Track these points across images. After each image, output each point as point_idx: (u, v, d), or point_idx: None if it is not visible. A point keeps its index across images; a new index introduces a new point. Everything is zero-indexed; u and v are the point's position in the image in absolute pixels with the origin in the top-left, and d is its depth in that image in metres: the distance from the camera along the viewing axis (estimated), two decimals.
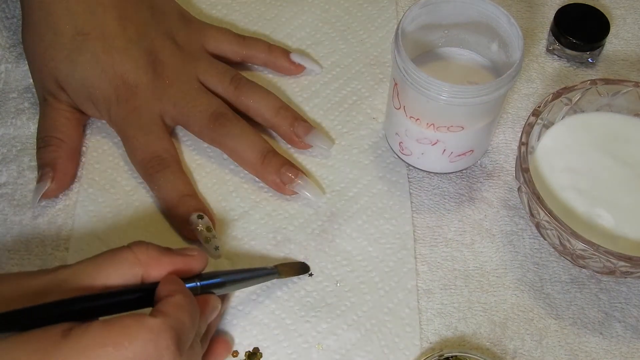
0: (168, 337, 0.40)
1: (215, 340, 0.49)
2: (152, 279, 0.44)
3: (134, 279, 0.44)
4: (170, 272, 0.45)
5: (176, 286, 0.43)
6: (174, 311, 0.41)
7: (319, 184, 0.58)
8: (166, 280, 0.44)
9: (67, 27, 0.56)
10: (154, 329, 0.39)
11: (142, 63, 0.57)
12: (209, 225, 0.54)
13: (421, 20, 0.55)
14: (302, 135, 0.58)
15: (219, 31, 0.62)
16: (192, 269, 0.46)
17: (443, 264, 0.55)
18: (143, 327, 0.39)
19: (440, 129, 0.53)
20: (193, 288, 0.46)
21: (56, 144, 0.56)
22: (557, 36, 0.64)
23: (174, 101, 0.57)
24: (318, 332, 0.51)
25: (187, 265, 0.45)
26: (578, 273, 0.55)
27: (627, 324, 0.53)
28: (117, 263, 0.43)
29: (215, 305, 0.46)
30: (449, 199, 0.58)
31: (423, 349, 0.51)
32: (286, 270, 0.52)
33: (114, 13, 0.57)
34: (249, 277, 0.50)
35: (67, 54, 0.56)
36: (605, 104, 0.57)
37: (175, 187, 0.55)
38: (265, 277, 0.51)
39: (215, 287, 0.47)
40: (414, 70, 0.51)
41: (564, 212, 0.53)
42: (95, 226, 0.55)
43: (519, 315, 0.53)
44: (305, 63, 0.63)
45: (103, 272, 0.43)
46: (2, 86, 0.62)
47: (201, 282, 0.46)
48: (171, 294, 0.42)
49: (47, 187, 0.55)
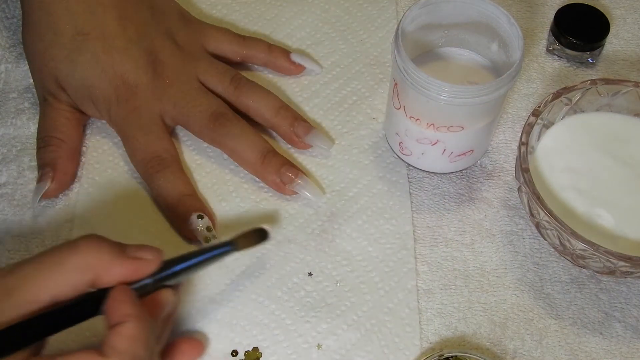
0: None
1: (183, 340, 0.48)
2: (103, 283, 0.42)
3: (83, 286, 0.42)
4: (121, 280, 0.43)
5: (127, 308, 0.41)
6: (126, 346, 0.40)
7: (319, 184, 0.58)
8: (116, 298, 0.42)
9: (67, 27, 0.56)
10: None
11: (142, 63, 0.57)
12: (209, 225, 0.54)
13: (421, 20, 0.55)
14: (302, 135, 0.58)
15: (219, 31, 0.62)
16: (144, 273, 0.44)
17: (443, 264, 0.55)
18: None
19: (440, 129, 0.53)
20: (144, 286, 0.44)
21: (56, 144, 0.56)
22: (557, 36, 0.64)
23: (174, 101, 0.57)
24: (318, 332, 0.51)
25: (140, 271, 0.44)
26: (578, 273, 0.55)
27: (627, 324, 0.53)
28: (65, 272, 0.41)
29: (168, 300, 0.45)
30: (449, 199, 0.58)
31: (423, 349, 0.51)
32: (243, 242, 0.49)
33: (114, 13, 0.57)
34: (204, 259, 0.47)
35: (67, 53, 0.56)
36: (605, 104, 0.57)
37: (175, 187, 0.55)
38: (221, 255, 0.48)
39: (169, 279, 0.45)
40: (414, 70, 0.51)
41: (564, 212, 0.53)
42: (95, 226, 0.55)
43: (519, 315, 0.53)
44: (306, 63, 0.63)
45: (51, 283, 0.41)
46: (2, 86, 0.62)
47: (153, 278, 0.44)
48: (122, 320, 0.41)
49: (47, 187, 0.55)
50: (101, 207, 0.56)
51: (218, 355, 0.50)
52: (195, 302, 0.52)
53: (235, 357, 0.50)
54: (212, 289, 0.53)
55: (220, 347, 0.51)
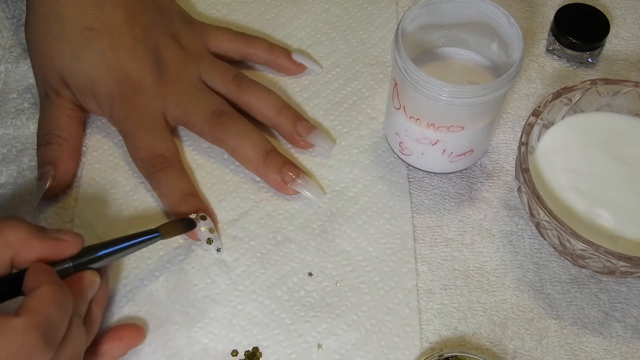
0: (34, 336, 0.39)
1: (123, 327, 0.49)
2: (23, 261, 0.44)
3: (3, 264, 0.43)
4: (40, 257, 0.44)
5: (42, 276, 0.42)
6: (39, 306, 0.40)
7: (320, 184, 0.58)
8: (33, 270, 0.43)
9: (75, 21, 0.56)
10: (18, 330, 0.39)
11: (147, 62, 0.57)
12: (211, 227, 0.54)
13: (421, 20, 0.55)
14: (304, 134, 0.58)
15: (220, 30, 0.62)
16: (63, 253, 0.45)
17: (443, 264, 0.55)
18: (7, 329, 0.39)
19: (440, 129, 0.53)
20: (65, 269, 0.45)
21: (57, 142, 0.56)
22: (557, 36, 0.64)
23: (176, 100, 0.57)
24: (318, 332, 0.51)
25: (59, 251, 0.45)
26: (578, 273, 0.55)
27: (627, 324, 0.53)
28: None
29: (91, 280, 0.46)
30: (449, 199, 0.58)
31: (423, 349, 0.51)
32: (169, 229, 0.51)
33: (122, 11, 0.57)
34: (128, 245, 0.48)
35: (73, 48, 0.56)
36: (605, 104, 0.57)
37: (177, 186, 0.55)
38: (146, 241, 0.49)
39: (91, 263, 0.46)
40: (414, 70, 0.51)
41: (564, 212, 0.53)
42: (95, 226, 0.55)
43: (519, 315, 0.53)
44: (306, 63, 0.63)
45: None
46: (2, 86, 0.62)
47: (73, 262, 0.46)
48: (37, 285, 0.41)
49: (49, 185, 0.55)
50: (101, 207, 0.56)
51: (218, 355, 0.50)
52: (196, 302, 0.52)
53: (235, 357, 0.50)
54: (212, 289, 0.53)
55: (220, 347, 0.51)
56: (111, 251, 0.48)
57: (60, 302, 0.42)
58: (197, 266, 0.54)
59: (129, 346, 0.50)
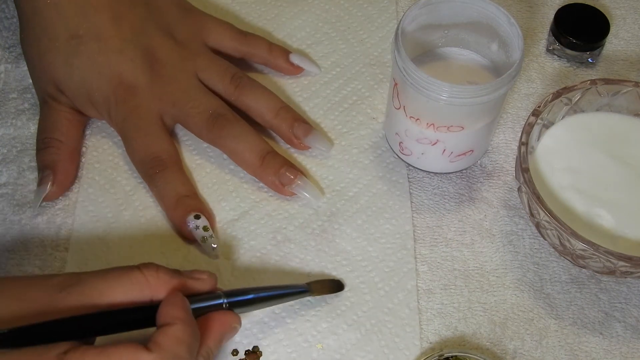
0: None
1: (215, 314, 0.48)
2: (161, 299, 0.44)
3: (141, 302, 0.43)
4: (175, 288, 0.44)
5: (178, 312, 0.42)
6: (170, 345, 0.41)
7: (319, 185, 0.58)
8: (169, 302, 0.43)
9: (60, 30, 0.56)
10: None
11: (139, 62, 0.57)
12: (205, 225, 0.54)
13: (421, 20, 0.55)
14: (302, 136, 0.58)
15: (220, 26, 0.61)
16: (199, 290, 0.45)
17: (443, 264, 0.55)
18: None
19: (440, 129, 0.53)
20: (219, 305, 0.45)
21: (56, 146, 0.56)
22: (557, 36, 0.64)
23: (173, 100, 0.57)
24: (318, 331, 0.51)
25: (194, 287, 0.45)
26: (578, 273, 0.55)
27: (627, 324, 0.53)
28: (126, 284, 0.43)
29: (234, 325, 0.46)
30: (449, 199, 0.58)
31: (423, 349, 0.51)
32: (319, 287, 0.51)
33: (107, 13, 0.56)
34: (280, 295, 0.49)
35: (63, 57, 0.56)
36: (605, 104, 0.57)
37: (174, 188, 0.55)
38: (297, 295, 0.50)
39: (243, 306, 0.46)
40: (414, 70, 0.51)
41: (564, 212, 0.53)
42: (95, 226, 0.55)
43: (519, 315, 0.53)
44: (304, 65, 0.63)
45: (111, 292, 0.42)
46: (2, 86, 0.62)
47: (228, 298, 0.46)
48: (171, 322, 0.42)
49: (48, 190, 0.55)
50: (101, 207, 0.56)
51: (219, 355, 0.50)
52: None
53: (236, 356, 0.50)
54: None
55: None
56: (266, 297, 0.48)
57: (190, 345, 0.42)
58: (197, 266, 0.54)
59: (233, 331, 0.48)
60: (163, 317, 0.42)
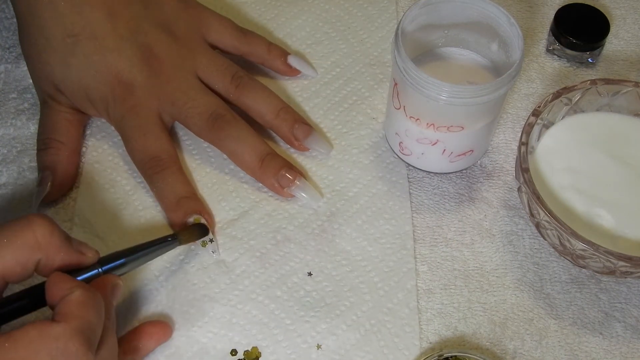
0: (75, 342, 0.39)
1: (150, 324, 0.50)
2: (45, 268, 0.43)
3: (30, 266, 0.43)
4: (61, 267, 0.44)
5: (69, 283, 0.42)
6: (77, 311, 0.40)
7: (318, 187, 0.58)
8: (56, 279, 0.42)
9: (56, 29, 0.55)
10: (59, 338, 0.39)
11: (136, 61, 0.56)
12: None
13: (421, 20, 0.55)
14: (302, 138, 0.58)
15: (221, 22, 0.61)
16: (81, 265, 0.45)
17: (443, 264, 0.55)
18: (47, 337, 0.38)
19: (440, 129, 0.53)
20: (95, 275, 0.45)
21: (56, 147, 0.56)
22: (557, 36, 0.64)
23: (172, 99, 0.57)
24: (317, 332, 0.51)
25: (78, 264, 0.45)
26: (578, 273, 0.55)
27: (627, 324, 0.53)
28: (16, 247, 0.42)
29: (115, 283, 0.46)
30: (449, 199, 0.58)
31: (423, 349, 0.51)
32: (186, 236, 0.52)
33: (102, 11, 0.56)
34: (150, 252, 0.49)
35: (60, 57, 0.56)
36: (605, 104, 0.57)
37: (174, 189, 0.55)
38: (166, 247, 0.51)
39: (117, 269, 0.47)
40: (414, 70, 0.51)
41: (564, 212, 0.53)
42: (95, 226, 0.55)
43: (519, 315, 0.53)
44: (302, 68, 0.62)
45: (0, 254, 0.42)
46: (2, 86, 0.62)
47: (103, 267, 0.46)
48: (66, 293, 0.41)
49: (48, 191, 0.55)
50: (101, 207, 0.56)
51: (217, 355, 0.50)
52: (195, 301, 0.52)
53: (235, 356, 0.50)
54: (212, 289, 0.53)
55: (220, 347, 0.51)
56: (136, 257, 0.48)
57: (96, 306, 0.41)
58: (197, 266, 0.54)
59: (158, 342, 0.50)
60: (55, 292, 0.41)
